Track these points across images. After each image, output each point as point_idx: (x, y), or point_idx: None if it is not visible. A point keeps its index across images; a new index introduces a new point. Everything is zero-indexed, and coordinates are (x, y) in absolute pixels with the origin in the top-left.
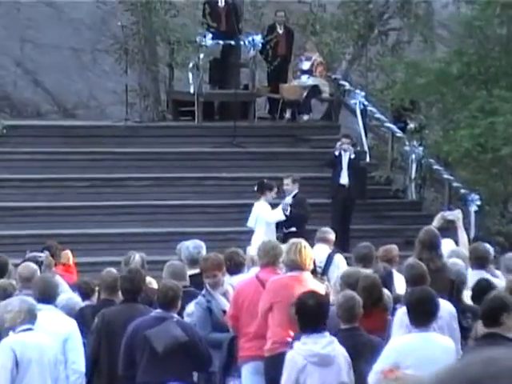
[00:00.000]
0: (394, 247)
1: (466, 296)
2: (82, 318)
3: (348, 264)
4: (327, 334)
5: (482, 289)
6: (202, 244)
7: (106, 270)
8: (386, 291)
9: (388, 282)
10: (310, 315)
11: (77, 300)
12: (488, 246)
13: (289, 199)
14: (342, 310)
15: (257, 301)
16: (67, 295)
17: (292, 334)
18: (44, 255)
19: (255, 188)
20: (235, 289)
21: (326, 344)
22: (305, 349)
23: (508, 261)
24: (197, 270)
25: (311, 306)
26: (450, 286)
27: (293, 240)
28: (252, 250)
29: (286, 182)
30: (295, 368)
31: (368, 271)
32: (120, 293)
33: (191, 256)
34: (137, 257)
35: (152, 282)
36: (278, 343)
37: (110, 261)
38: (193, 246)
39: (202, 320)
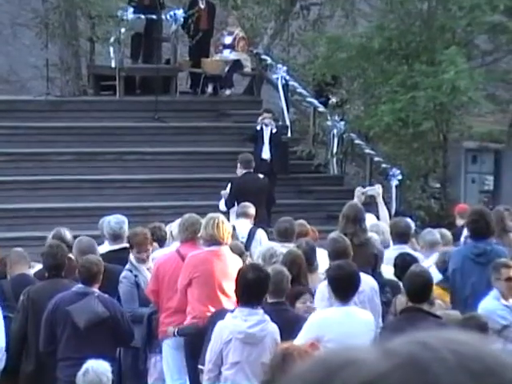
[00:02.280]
0: (304, 222)
1: (385, 270)
2: (1, 293)
3: (270, 239)
4: (261, 311)
5: (406, 264)
6: (124, 219)
7: (13, 249)
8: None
9: (310, 256)
10: (247, 288)
11: None
12: (409, 220)
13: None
14: (269, 284)
15: (177, 276)
16: None
17: (212, 308)
18: None
19: None
20: (155, 263)
21: (256, 323)
22: (233, 323)
23: (427, 235)
24: (119, 245)
25: (250, 279)
26: (373, 260)
27: (210, 214)
28: (172, 226)
29: None
30: (220, 340)
31: (290, 246)
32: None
33: (113, 231)
34: (66, 232)
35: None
36: (197, 318)
37: (32, 236)
38: (115, 220)
39: (130, 295)
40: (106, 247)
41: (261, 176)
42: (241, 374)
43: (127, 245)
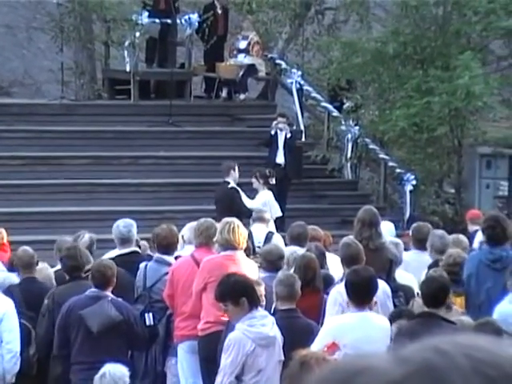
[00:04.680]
0: (317, 227)
1: (398, 275)
2: (12, 299)
3: (285, 244)
4: (266, 312)
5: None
6: (133, 222)
7: (20, 248)
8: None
9: (321, 261)
10: (252, 292)
11: (14, 279)
12: (429, 226)
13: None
14: (282, 287)
15: (192, 280)
16: (4, 274)
17: None
18: None
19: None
20: (171, 268)
21: (272, 325)
22: (254, 331)
23: (434, 238)
24: (128, 249)
25: (251, 282)
26: (388, 265)
27: (226, 219)
28: (184, 230)
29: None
30: (243, 351)
31: (303, 250)
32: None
33: (121, 235)
34: (86, 236)
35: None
36: (211, 323)
37: (46, 239)
38: (123, 224)
39: None
40: (117, 251)
41: (230, 185)
42: (265, 378)
43: (136, 248)
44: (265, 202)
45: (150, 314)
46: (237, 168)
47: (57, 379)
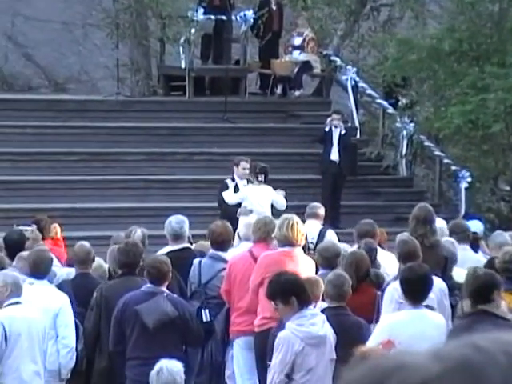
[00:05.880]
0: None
1: (456, 273)
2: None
3: (339, 240)
4: (318, 310)
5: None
6: (185, 219)
7: (78, 243)
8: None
9: (371, 257)
10: (302, 289)
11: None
12: (478, 222)
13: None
14: (330, 286)
15: (249, 276)
16: (67, 269)
17: None
18: (30, 229)
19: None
20: (228, 263)
21: (322, 324)
22: (303, 331)
23: (497, 237)
24: (180, 245)
25: (301, 280)
26: (443, 262)
27: (285, 215)
28: (240, 227)
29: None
30: (292, 350)
31: (354, 247)
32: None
33: (174, 231)
34: (138, 231)
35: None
36: (267, 318)
37: (102, 235)
38: (175, 221)
39: None
40: (169, 248)
41: (226, 180)
42: (316, 377)
43: (188, 245)
44: (244, 196)
45: (207, 311)
46: (242, 164)
47: (101, 373)
